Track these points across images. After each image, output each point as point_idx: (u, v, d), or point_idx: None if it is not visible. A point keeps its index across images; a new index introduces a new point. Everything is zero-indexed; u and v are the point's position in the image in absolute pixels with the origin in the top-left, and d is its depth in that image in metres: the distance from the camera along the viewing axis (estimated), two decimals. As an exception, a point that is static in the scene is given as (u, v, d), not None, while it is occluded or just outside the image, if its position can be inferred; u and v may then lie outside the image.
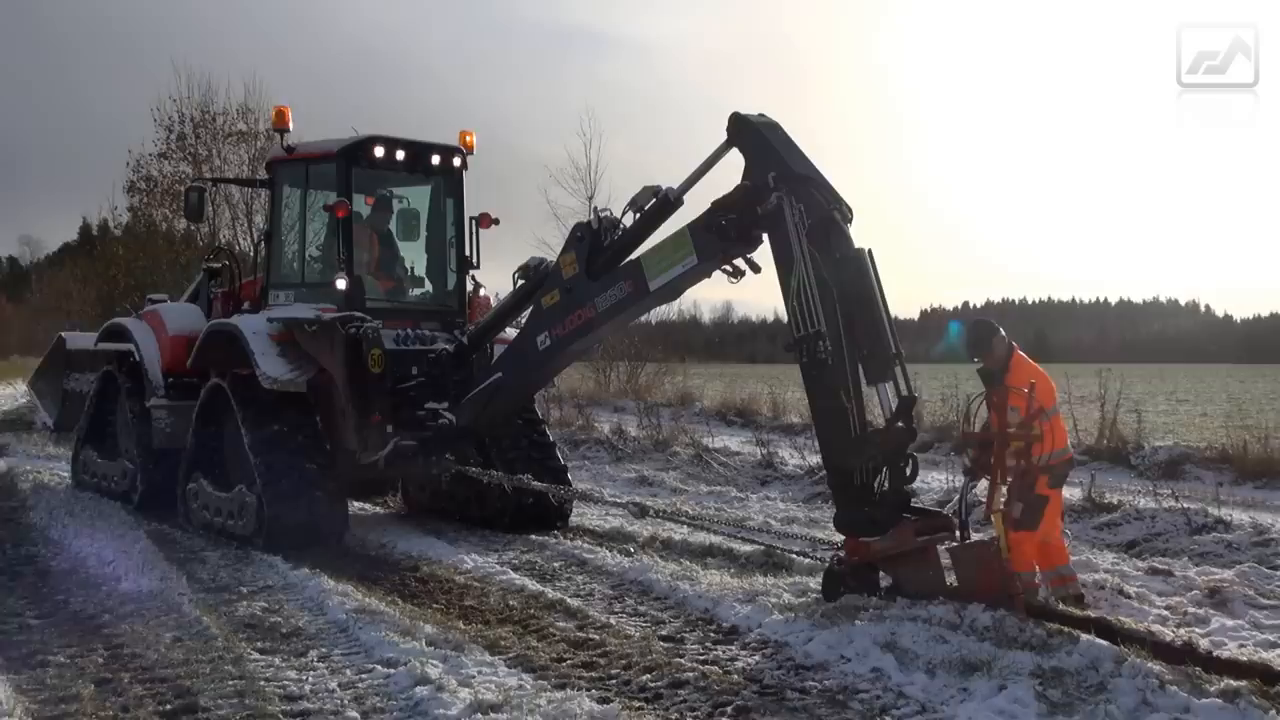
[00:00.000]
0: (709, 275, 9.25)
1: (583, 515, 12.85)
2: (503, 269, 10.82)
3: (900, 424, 7.99)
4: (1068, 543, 9.69)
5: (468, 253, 12.57)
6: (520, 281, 11.17)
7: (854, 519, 8.11)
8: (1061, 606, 7.70)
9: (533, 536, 11.55)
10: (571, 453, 19.63)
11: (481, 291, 12.85)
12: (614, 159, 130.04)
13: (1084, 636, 6.81)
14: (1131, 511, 11.88)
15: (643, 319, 40.48)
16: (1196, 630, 7.60)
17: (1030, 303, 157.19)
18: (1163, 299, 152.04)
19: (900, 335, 8.28)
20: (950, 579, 7.88)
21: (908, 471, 8.13)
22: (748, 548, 10.31)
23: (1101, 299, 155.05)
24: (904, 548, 7.92)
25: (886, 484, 8.11)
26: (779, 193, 8.23)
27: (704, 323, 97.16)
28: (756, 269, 8.88)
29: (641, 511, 10.16)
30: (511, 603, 8.73)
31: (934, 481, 13.86)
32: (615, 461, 18.56)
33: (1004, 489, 7.98)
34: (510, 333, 11.67)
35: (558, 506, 12.11)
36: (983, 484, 8.19)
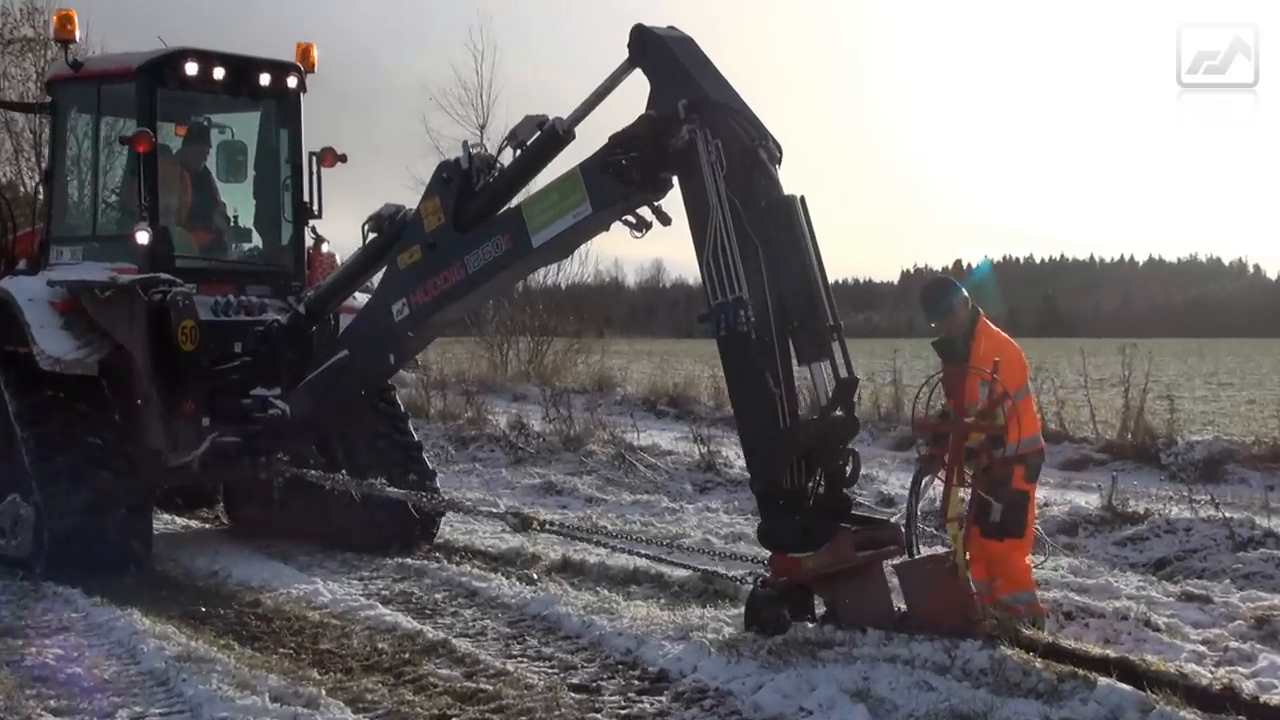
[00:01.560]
0: (606, 228, 9.32)
1: (473, 533, 12.85)
2: (354, 218, 10.76)
3: (839, 412, 8.11)
4: (1040, 559, 9.95)
5: (307, 198, 12.51)
6: (371, 235, 11.12)
7: (782, 530, 8.21)
8: (1021, 630, 7.88)
9: (408, 561, 11.51)
10: (458, 453, 19.61)
11: (324, 247, 12.78)
12: (513, 80, 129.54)
13: (1102, 680, 6.91)
14: (1161, 523, 12.14)
15: (549, 281, 40.78)
16: (1240, 670, 7.75)
17: (1039, 262, 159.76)
18: (1202, 258, 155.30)
19: (877, 302, 8.42)
20: (899, 602, 8.04)
21: (848, 471, 8.25)
22: (682, 572, 10.34)
23: (1127, 257, 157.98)
24: (842, 564, 8.02)
25: (822, 487, 8.23)
26: (691, 125, 8.25)
27: (628, 286, 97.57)
28: (666, 220, 8.93)
29: (523, 524, 10.11)
30: (381, 645, 8.69)
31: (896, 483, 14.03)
32: (514, 464, 18.58)
33: (963, 491, 8.15)
34: (360, 299, 11.65)
35: (422, 519, 12.09)
36: (939, 484, 8.38)
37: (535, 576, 10.80)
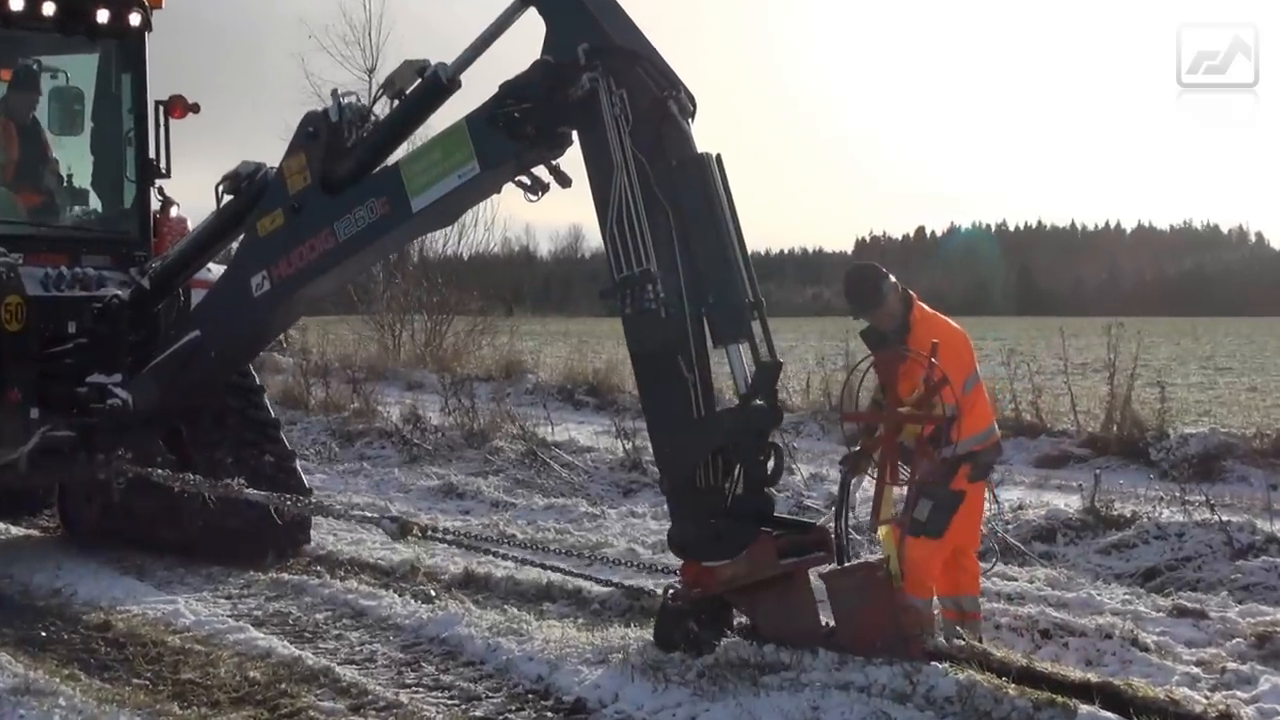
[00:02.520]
0: (498, 189, 9.40)
1: (360, 543, 12.82)
2: (210, 178, 10.71)
3: (760, 401, 8.20)
4: (989, 567, 10.10)
5: (153, 154, 12.44)
6: (227, 197, 11.07)
7: (694, 535, 8.29)
8: (943, 643, 8.02)
9: (284, 576, 11.47)
10: (344, 450, 19.55)
11: (174, 211, 12.72)
12: (407, 17, 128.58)
13: (1083, 708, 7.00)
14: (1150, 527, 12.27)
15: (449, 251, 40.72)
16: (1238, 694, 7.89)
17: (1013, 229, 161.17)
18: (1197, 225, 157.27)
19: (828, 276, 8.55)
20: (828, 616, 8.15)
21: (769, 467, 8.33)
22: (602, 588, 10.37)
23: (1113, 225, 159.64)
24: (763, 573, 8.10)
25: (740, 486, 8.30)
26: (593, 73, 8.29)
27: (541, 257, 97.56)
28: (565, 181, 8.98)
29: (401, 530, 10.06)
30: (253, 674, 8.65)
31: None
32: (409, 463, 18.56)
33: (900, 490, 8.31)
34: (215, 271, 11.60)
35: (289, 525, 12.07)
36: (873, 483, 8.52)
37: (433, 593, 10.79)
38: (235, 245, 10.86)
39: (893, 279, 8.83)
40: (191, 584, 11.34)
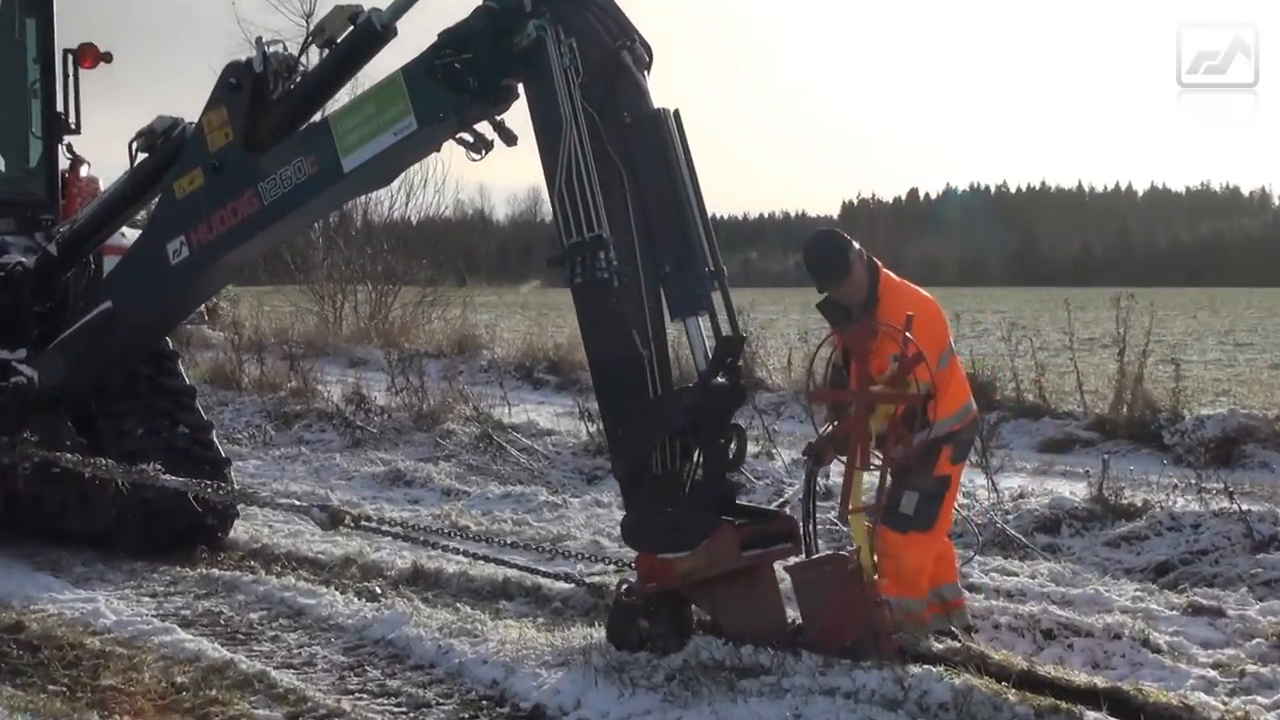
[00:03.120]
0: (437, 147, 9.42)
1: (298, 535, 12.80)
2: (123, 133, 10.71)
3: (721, 379, 8.24)
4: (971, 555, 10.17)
5: (61, 108, 12.42)
6: (142, 156, 11.04)
7: (650, 524, 8.33)
8: (936, 645, 8.09)
9: (214, 572, 11.46)
10: (280, 433, 19.56)
11: (84, 170, 12.72)
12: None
13: (1090, 714, 7.02)
14: (1163, 518, 12.30)
15: (395, 214, 40.62)
16: (1259, 700, 7.92)
17: (1015, 191, 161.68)
18: (1215, 187, 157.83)
19: (796, 240, 8.50)
20: (793, 612, 8.20)
21: (731, 451, 8.37)
22: (563, 585, 10.39)
23: (1124, 187, 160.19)
24: (724, 566, 8.13)
25: (699, 471, 8.36)
26: (540, 20, 8.30)
27: (497, 221, 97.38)
28: (511, 139, 8.99)
29: (333, 520, 10.05)
30: (180, 679, 8.62)
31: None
32: (352, 447, 18.58)
33: (868, 475, 8.34)
34: (130, 236, 11.59)
35: (210, 515, 12.09)
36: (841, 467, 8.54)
37: (378, 590, 10.78)
38: (151, 209, 10.82)
39: (857, 246, 8.83)
40: (112, 580, 11.29)
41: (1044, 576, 10.92)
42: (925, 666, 7.55)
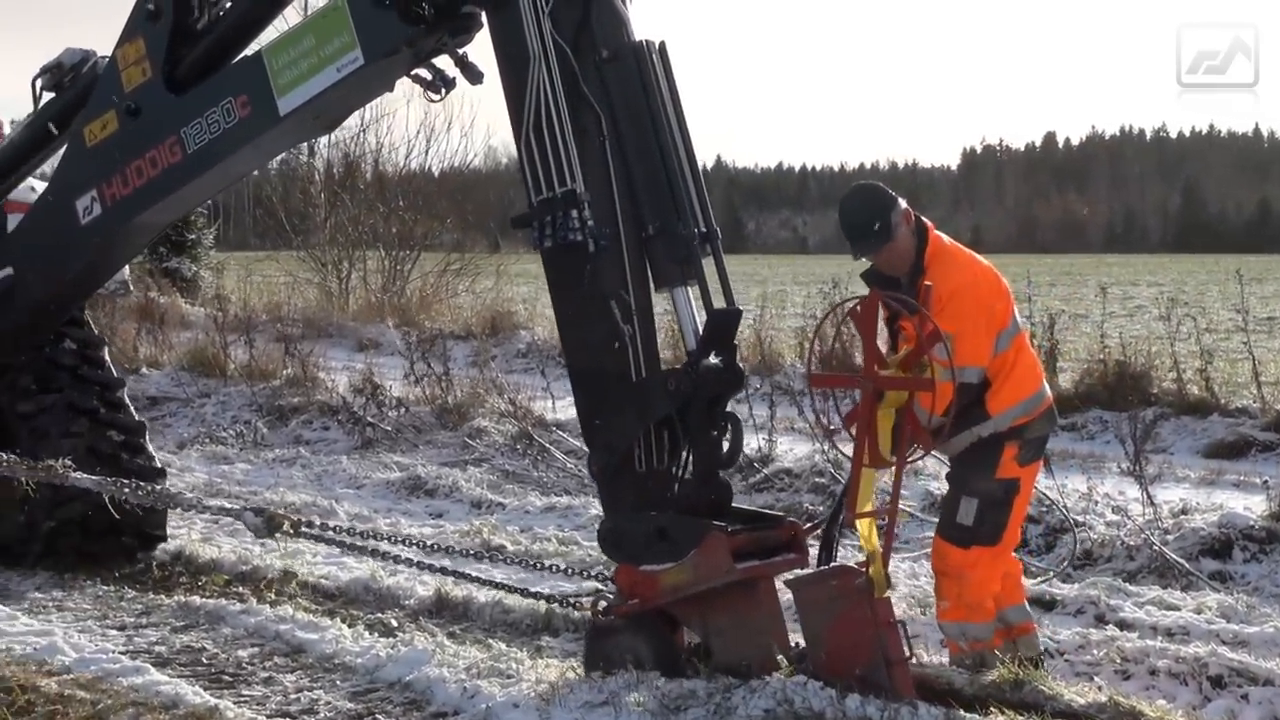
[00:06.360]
0: (389, 86, 9.69)
1: (297, 555, 12.82)
2: (27, 69, 10.80)
3: (715, 359, 8.34)
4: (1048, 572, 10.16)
5: None
6: (47, 95, 11.11)
7: (631, 531, 8.42)
8: (1070, 693, 8.03)
9: (194, 600, 11.50)
10: (274, 431, 19.65)
11: None
12: None
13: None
14: None
15: (413, 164, 40.68)
16: None
17: (1174, 137, 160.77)
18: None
19: (928, 196, 8.58)
20: (796, 635, 8.25)
21: (725, 444, 8.47)
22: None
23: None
24: (715, 580, 8.18)
25: (688, 468, 8.47)
26: None
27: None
28: (475, 77, 9.17)
29: (270, 526, 10.05)
30: (153, 731, 8.70)
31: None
32: (361, 448, 18.68)
33: (880, 475, 8.41)
34: (40, 191, 11.67)
35: (135, 522, 12.10)
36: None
37: (394, 623, 10.85)
38: (57, 160, 10.92)
39: (904, 205, 8.82)
40: (72, 609, 11.34)
41: (1212, 611, 10.84)
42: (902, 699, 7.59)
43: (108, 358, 13.03)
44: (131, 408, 12.95)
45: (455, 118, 39.21)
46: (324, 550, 12.71)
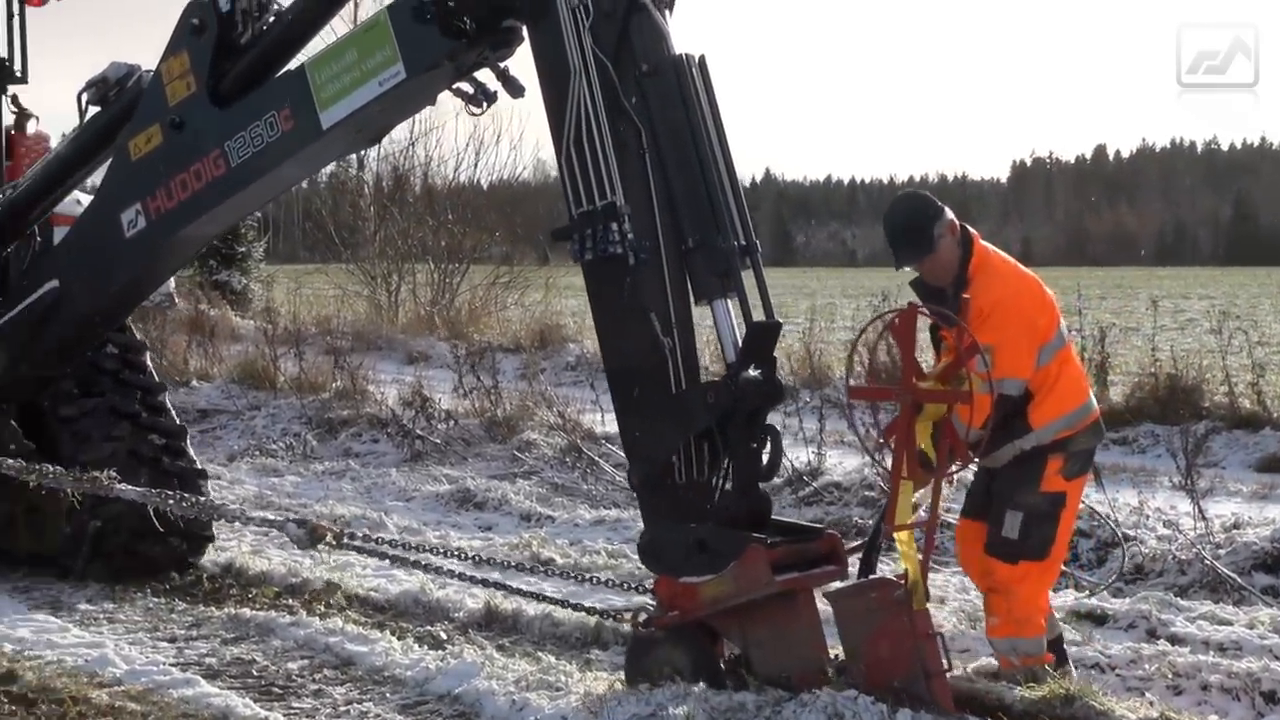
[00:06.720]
0: (431, 100, 9.68)
1: (346, 568, 12.83)
2: (75, 83, 10.82)
3: (754, 371, 8.33)
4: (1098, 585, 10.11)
5: (4, 53, 12.63)
6: (93, 109, 11.17)
7: (671, 543, 8.43)
8: (1119, 708, 7.98)
9: (244, 612, 11.51)
10: (323, 444, 19.66)
11: (32, 126, 12.86)
12: None
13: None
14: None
15: (462, 176, 40.72)
16: None
17: (1225, 149, 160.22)
18: None
19: (977, 208, 8.54)
20: (836, 647, 8.24)
21: (764, 457, 8.48)
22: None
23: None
24: (754, 592, 8.18)
25: (729, 480, 8.46)
26: None
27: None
28: (517, 90, 9.19)
29: (312, 537, 10.03)
30: (203, 743, 8.70)
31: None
32: (410, 461, 18.69)
33: (918, 488, 8.39)
34: (85, 203, 11.71)
35: (179, 535, 12.15)
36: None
37: (443, 636, 10.84)
38: (102, 173, 10.95)
39: (950, 215, 8.82)
40: (123, 621, 11.36)
41: (1265, 626, 10.77)
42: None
43: (149, 362, 13.05)
44: (173, 411, 12.96)
45: (504, 131, 39.21)
46: (373, 563, 12.72)
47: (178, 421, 12.87)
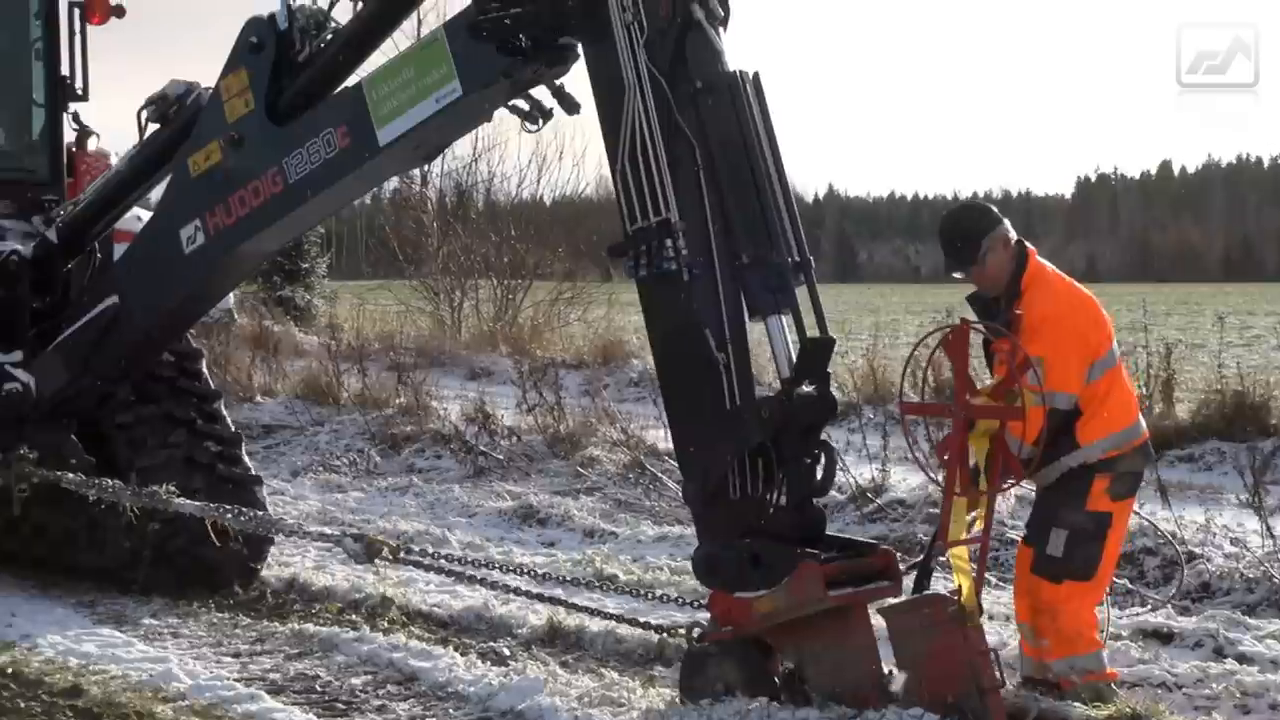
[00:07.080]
0: (488, 117, 9.74)
1: (408, 584, 12.83)
2: (136, 101, 10.88)
3: (808, 387, 8.30)
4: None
5: (66, 71, 12.64)
6: (153, 127, 11.22)
7: (725, 558, 8.42)
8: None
9: (308, 627, 11.53)
10: (387, 460, 19.66)
11: (93, 144, 12.91)
12: None
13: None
14: None
15: (525, 193, 40.79)
16: None
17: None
18: None
19: (1041, 226, 8.52)
20: (890, 664, 8.21)
21: (819, 473, 8.45)
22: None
23: None
24: (809, 607, 8.16)
25: (783, 495, 8.44)
26: None
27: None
28: (572, 107, 9.19)
29: (369, 552, 10.02)
30: (268, 757, 8.72)
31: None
32: (473, 477, 18.68)
33: (972, 506, 8.37)
34: (145, 219, 11.75)
35: (239, 549, 12.15)
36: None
37: (507, 652, 10.85)
38: (161, 190, 11.00)
39: (1006, 227, 8.84)
40: (187, 636, 11.40)
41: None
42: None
43: (205, 369, 13.10)
44: (228, 418, 13.02)
45: (567, 147, 39.20)
46: (436, 579, 12.73)
47: (233, 429, 12.93)
